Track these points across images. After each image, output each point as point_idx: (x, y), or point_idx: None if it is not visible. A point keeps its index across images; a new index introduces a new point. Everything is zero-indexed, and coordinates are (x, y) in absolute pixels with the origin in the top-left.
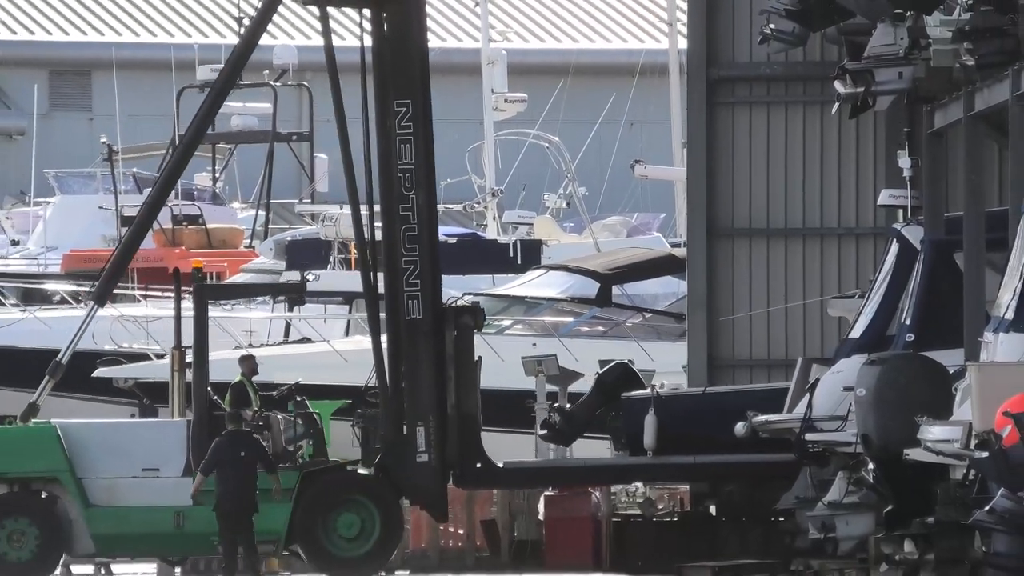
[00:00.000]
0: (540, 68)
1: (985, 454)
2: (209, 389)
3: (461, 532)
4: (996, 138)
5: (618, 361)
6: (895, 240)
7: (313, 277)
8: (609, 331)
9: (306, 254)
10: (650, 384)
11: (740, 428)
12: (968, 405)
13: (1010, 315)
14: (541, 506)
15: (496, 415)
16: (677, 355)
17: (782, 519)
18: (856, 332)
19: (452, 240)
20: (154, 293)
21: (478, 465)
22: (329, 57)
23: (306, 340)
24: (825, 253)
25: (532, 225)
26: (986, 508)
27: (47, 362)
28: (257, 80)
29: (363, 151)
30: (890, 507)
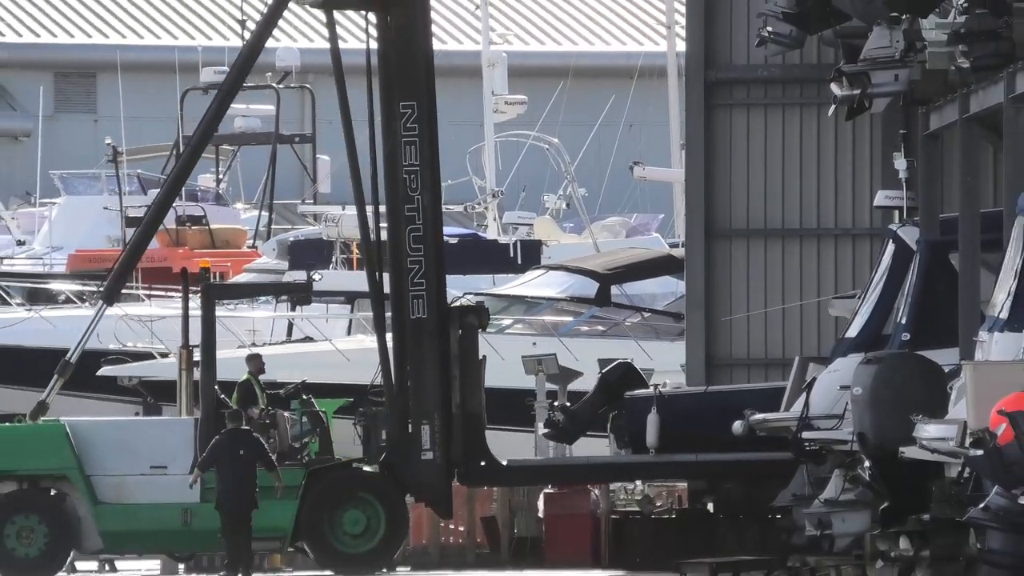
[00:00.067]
0: (540, 70)
1: (980, 452)
2: (216, 388)
3: (461, 529)
4: (991, 140)
5: (621, 360)
6: (891, 241)
7: (318, 277)
8: (608, 330)
9: (308, 254)
10: (652, 383)
11: (737, 426)
12: (963, 404)
13: (1004, 315)
14: (541, 503)
15: (496, 414)
16: (675, 354)
17: (779, 516)
18: (852, 331)
19: (453, 240)
20: (158, 293)
21: (482, 463)
22: (335, 60)
23: (308, 339)
24: (822, 254)
25: (532, 226)
26: (981, 505)
27: (52, 361)
28: (260, 82)
29: (368, 153)
30: (886, 504)
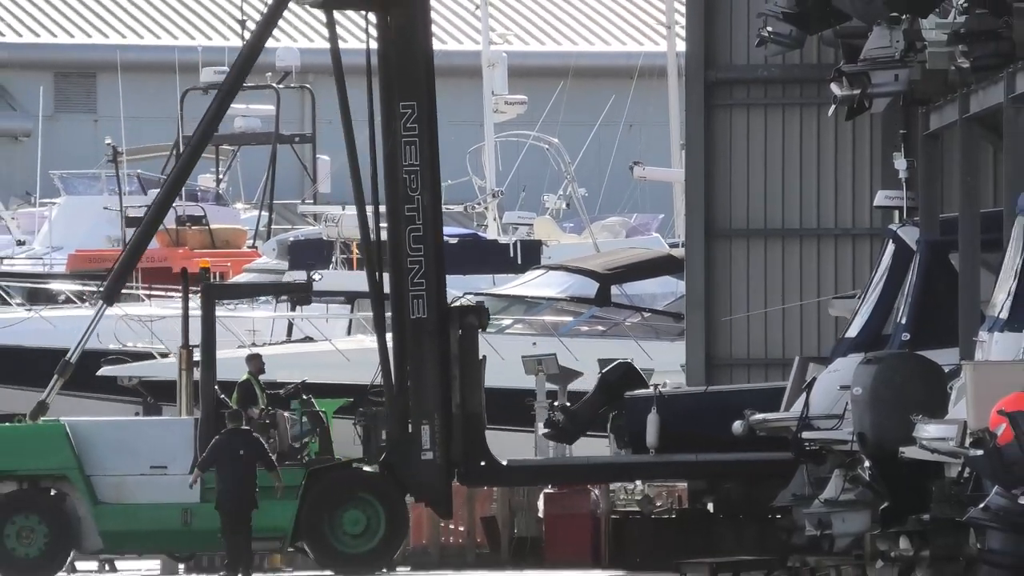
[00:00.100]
0: (540, 70)
1: (980, 452)
2: (216, 388)
3: (461, 529)
4: (991, 140)
5: (621, 360)
6: (891, 241)
7: (318, 277)
8: (608, 330)
9: (309, 254)
10: (652, 383)
11: (737, 426)
12: (963, 404)
13: (1004, 315)
14: (541, 503)
15: (496, 414)
16: (675, 354)
17: (779, 516)
18: (852, 331)
19: (453, 240)
20: (158, 293)
21: (482, 463)
22: (335, 60)
23: (308, 339)
24: (822, 254)
25: (532, 226)
26: (981, 505)
27: (52, 361)
28: (260, 82)
29: (368, 153)
30: (886, 504)
